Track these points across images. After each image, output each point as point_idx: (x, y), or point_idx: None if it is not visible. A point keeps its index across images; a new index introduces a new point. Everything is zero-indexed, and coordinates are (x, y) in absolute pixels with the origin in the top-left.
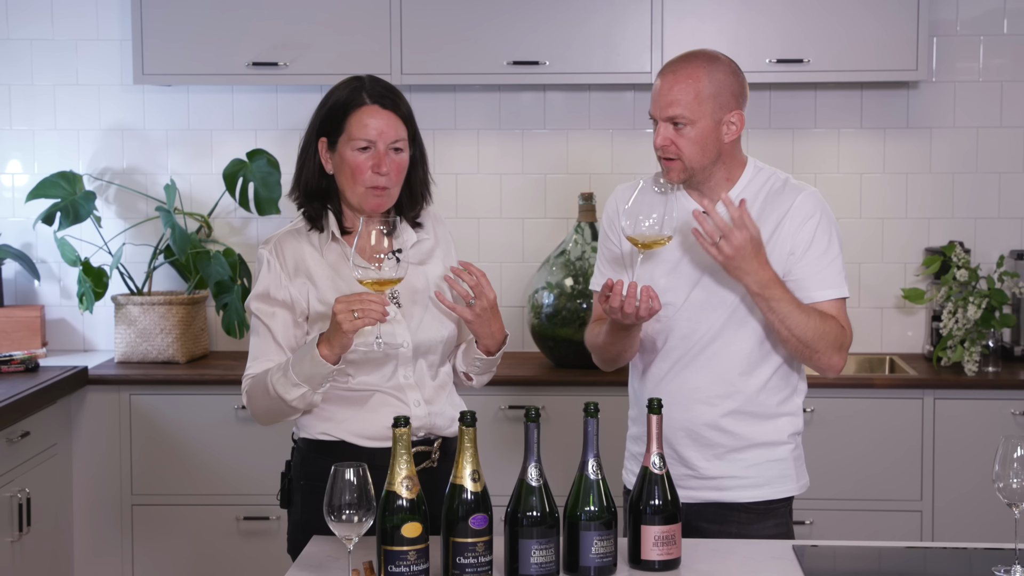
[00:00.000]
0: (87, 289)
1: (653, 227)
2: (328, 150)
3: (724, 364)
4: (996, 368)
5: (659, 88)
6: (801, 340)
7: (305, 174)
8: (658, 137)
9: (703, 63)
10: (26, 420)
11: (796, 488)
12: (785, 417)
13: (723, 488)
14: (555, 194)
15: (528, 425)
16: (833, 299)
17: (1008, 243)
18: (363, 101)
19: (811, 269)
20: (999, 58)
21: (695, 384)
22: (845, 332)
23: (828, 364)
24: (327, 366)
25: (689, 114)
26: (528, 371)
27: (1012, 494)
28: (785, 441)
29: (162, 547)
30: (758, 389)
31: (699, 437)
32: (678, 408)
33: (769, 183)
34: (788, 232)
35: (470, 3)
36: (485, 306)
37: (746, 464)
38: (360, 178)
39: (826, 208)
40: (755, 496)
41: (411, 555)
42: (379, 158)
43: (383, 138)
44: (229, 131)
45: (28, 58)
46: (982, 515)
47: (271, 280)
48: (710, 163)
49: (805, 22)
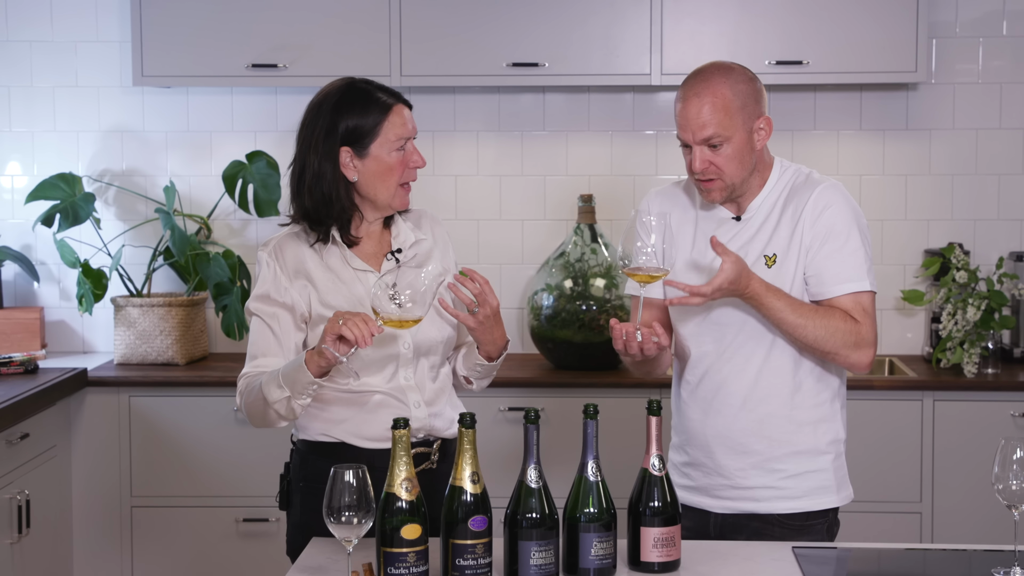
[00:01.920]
0: (86, 291)
1: (649, 261)
2: (356, 158)
3: (757, 369)
4: (995, 370)
5: (687, 112)
6: (807, 343)
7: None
8: (696, 161)
9: (722, 77)
10: (25, 422)
11: (836, 500)
12: (824, 424)
13: (759, 499)
14: (554, 196)
15: (527, 427)
16: (849, 293)
17: (1007, 244)
18: (390, 103)
19: (828, 263)
20: (998, 60)
21: (729, 390)
22: (860, 327)
23: (848, 363)
24: (308, 375)
25: (724, 132)
26: (527, 373)
27: (1011, 496)
28: (824, 450)
29: (161, 549)
30: (792, 393)
31: (736, 444)
32: (713, 415)
33: (793, 179)
34: (806, 226)
35: (470, 5)
36: (488, 314)
37: (784, 475)
38: (398, 177)
39: (848, 200)
40: (791, 508)
41: (411, 557)
42: (414, 152)
43: (414, 133)
44: (228, 133)
45: (27, 60)
46: (981, 517)
47: (272, 282)
48: (748, 175)
49: (804, 24)
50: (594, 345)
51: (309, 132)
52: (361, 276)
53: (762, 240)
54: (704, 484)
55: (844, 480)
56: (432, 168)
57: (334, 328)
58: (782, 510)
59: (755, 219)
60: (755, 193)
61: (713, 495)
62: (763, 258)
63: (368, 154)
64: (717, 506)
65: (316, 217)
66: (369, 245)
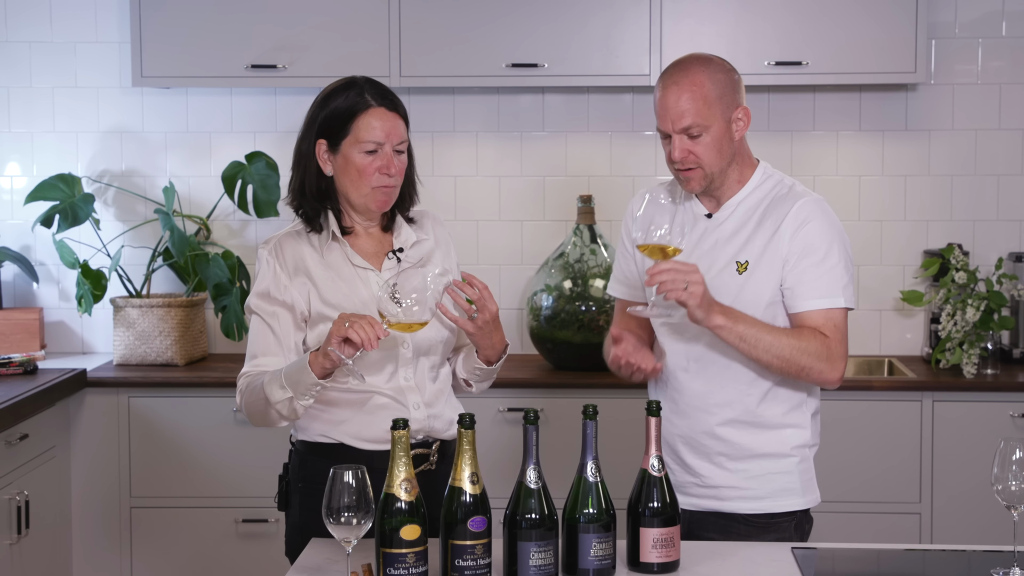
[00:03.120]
0: (86, 291)
1: (664, 237)
2: (329, 152)
3: (725, 373)
4: (995, 370)
5: (665, 101)
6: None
7: (303, 177)
8: (675, 151)
9: (700, 67)
10: (25, 422)
11: (801, 503)
12: (790, 429)
13: (723, 498)
14: (554, 196)
15: (527, 427)
16: (822, 309)
17: (1006, 245)
18: (369, 104)
19: (804, 277)
20: (997, 60)
21: (694, 391)
22: (829, 342)
23: (820, 380)
24: (311, 376)
25: (703, 121)
26: (527, 373)
27: (1011, 496)
28: (789, 453)
29: (160, 550)
30: (759, 399)
31: (697, 445)
32: (677, 415)
33: (775, 189)
34: (783, 239)
35: (469, 5)
36: (487, 319)
37: (747, 475)
38: (367, 180)
39: (828, 214)
40: (754, 508)
41: (410, 557)
42: (387, 159)
43: (390, 140)
44: (228, 133)
45: (27, 60)
46: (981, 517)
47: (271, 280)
48: (727, 165)
49: (804, 24)
50: (593, 346)
51: (306, 119)
52: (361, 274)
53: (736, 245)
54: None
55: (811, 483)
56: (431, 169)
57: (340, 330)
58: (746, 510)
59: (730, 221)
60: (734, 191)
61: (681, 491)
62: (735, 263)
63: (339, 151)
64: (685, 503)
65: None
66: (370, 244)
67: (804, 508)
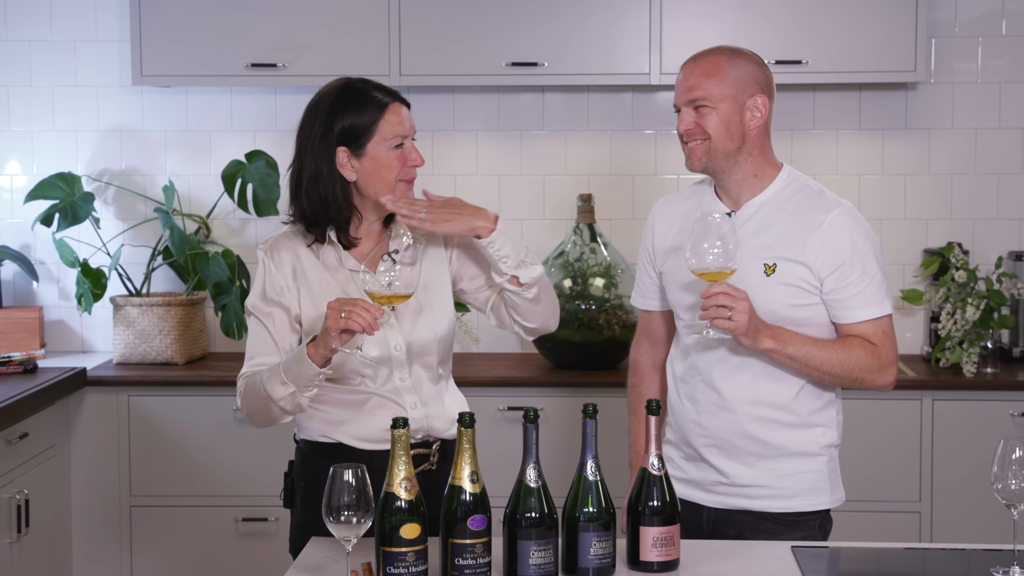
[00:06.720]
0: (86, 290)
1: (717, 259)
2: (352, 157)
3: (753, 371)
4: (995, 369)
5: (680, 76)
6: (832, 376)
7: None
8: (681, 123)
9: (725, 52)
10: (25, 421)
11: (829, 501)
12: (819, 428)
13: (753, 496)
14: (554, 195)
15: (527, 426)
16: (870, 320)
17: (1006, 244)
18: (386, 101)
19: (850, 290)
20: (997, 59)
21: (723, 391)
22: (879, 350)
23: (874, 387)
24: (312, 367)
25: (710, 95)
26: (527, 372)
27: (1010, 495)
28: (819, 452)
29: (161, 548)
30: (791, 397)
31: (727, 446)
32: (707, 416)
33: (802, 193)
34: (819, 247)
35: (469, 4)
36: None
37: (778, 474)
38: (395, 174)
39: (862, 224)
40: (785, 507)
41: (410, 556)
42: (412, 150)
43: (412, 131)
44: (228, 132)
45: (27, 59)
46: (980, 516)
47: (267, 281)
48: (734, 149)
49: (804, 23)
50: (593, 344)
51: (306, 134)
52: (355, 277)
53: (761, 244)
54: (698, 478)
55: (837, 482)
56: (431, 168)
57: (338, 323)
58: (775, 508)
59: (754, 220)
60: (752, 189)
61: (707, 490)
62: (762, 265)
63: (365, 153)
64: (710, 500)
65: (313, 219)
66: (366, 245)
67: (831, 507)
